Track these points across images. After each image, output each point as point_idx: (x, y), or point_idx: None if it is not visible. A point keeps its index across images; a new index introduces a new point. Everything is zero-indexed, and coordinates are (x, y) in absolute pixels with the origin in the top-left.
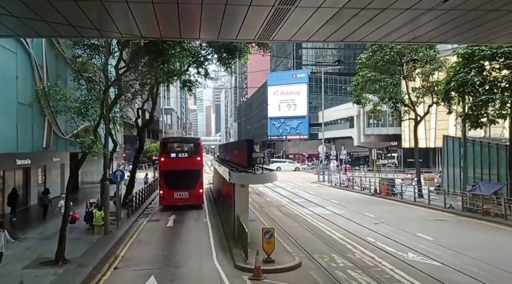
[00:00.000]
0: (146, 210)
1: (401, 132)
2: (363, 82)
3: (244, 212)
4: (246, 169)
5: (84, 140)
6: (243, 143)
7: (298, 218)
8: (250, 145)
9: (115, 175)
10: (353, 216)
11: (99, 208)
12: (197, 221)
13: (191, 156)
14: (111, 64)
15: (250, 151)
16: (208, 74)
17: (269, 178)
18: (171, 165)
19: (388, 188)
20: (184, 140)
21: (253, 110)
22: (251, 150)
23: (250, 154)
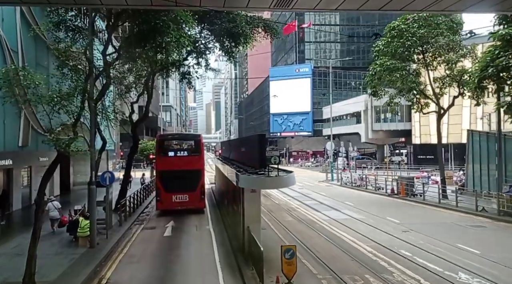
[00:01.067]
0: (142, 215)
1: (411, 128)
2: (382, 71)
3: (256, 222)
4: (257, 171)
5: (60, 137)
6: (253, 139)
7: (314, 225)
8: (262, 141)
9: (104, 177)
10: (375, 221)
11: (85, 216)
12: (198, 228)
13: (191, 154)
14: (97, 49)
15: (263, 148)
16: (208, 65)
17: (287, 182)
18: (169, 165)
19: (407, 188)
20: (183, 137)
21: (254, 107)
22: (264, 148)
23: (263, 152)
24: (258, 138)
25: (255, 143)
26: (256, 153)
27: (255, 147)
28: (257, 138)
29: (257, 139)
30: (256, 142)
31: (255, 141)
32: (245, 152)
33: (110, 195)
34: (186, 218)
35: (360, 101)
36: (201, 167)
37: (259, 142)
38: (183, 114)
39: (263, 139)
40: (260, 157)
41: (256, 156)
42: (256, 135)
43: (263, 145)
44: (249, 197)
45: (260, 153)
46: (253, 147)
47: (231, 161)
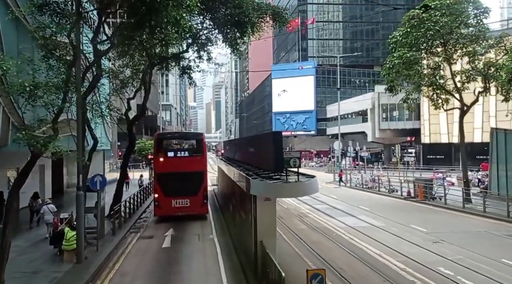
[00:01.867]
0: (139, 221)
1: (420, 127)
2: (400, 64)
3: (271, 236)
4: (272, 175)
5: (35, 134)
6: (267, 138)
7: (331, 235)
8: (278, 140)
9: (94, 181)
10: (399, 230)
11: (71, 226)
12: (201, 238)
13: (192, 155)
14: (87, 36)
15: (279, 148)
16: (211, 59)
17: (309, 189)
18: (168, 166)
19: (425, 191)
20: (183, 135)
21: (256, 106)
22: (280, 148)
23: (279, 153)
24: (273, 137)
25: (269, 142)
26: (270, 154)
27: (270, 147)
28: (271, 136)
29: (271, 138)
30: (271, 141)
31: (269, 140)
32: (255, 153)
33: (103, 200)
34: (187, 225)
35: (366, 99)
36: (204, 168)
37: (274, 141)
38: (183, 114)
39: (279, 137)
40: (276, 158)
41: (271, 157)
42: (270, 133)
43: (279, 144)
44: (263, 207)
45: (276, 154)
46: (267, 147)
47: (237, 162)
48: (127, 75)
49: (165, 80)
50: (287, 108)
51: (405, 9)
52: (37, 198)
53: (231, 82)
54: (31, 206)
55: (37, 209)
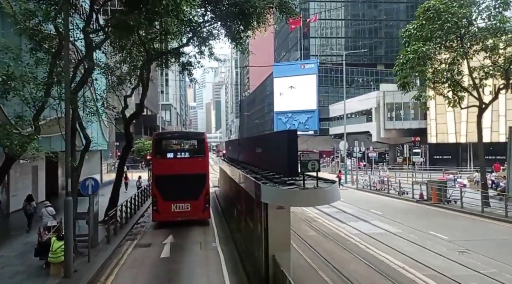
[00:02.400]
0: (136, 226)
1: (426, 126)
2: (415, 58)
3: (284, 250)
4: (286, 180)
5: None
6: (279, 138)
7: (344, 243)
8: (293, 140)
9: (85, 185)
10: (418, 237)
11: (59, 236)
12: (203, 247)
13: (193, 156)
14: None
15: (294, 149)
16: (212, 54)
17: (330, 197)
18: (167, 168)
19: (439, 194)
20: (184, 135)
21: (257, 105)
22: (296, 149)
23: (294, 154)
24: (288, 136)
25: (282, 143)
26: (284, 155)
27: (283, 147)
28: (286, 136)
29: (286, 138)
30: (285, 141)
31: (283, 140)
32: (263, 154)
33: (96, 205)
34: (187, 232)
35: (371, 98)
36: (206, 170)
37: (289, 142)
38: (183, 113)
39: (294, 137)
40: (291, 161)
41: (285, 160)
42: (284, 132)
43: (295, 145)
44: (275, 216)
45: (291, 156)
46: (279, 148)
47: (241, 163)
48: (124, 71)
49: (164, 79)
50: (289, 107)
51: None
52: (31, 201)
53: (232, 82)
54: (26, 209)
55: (31, 213)
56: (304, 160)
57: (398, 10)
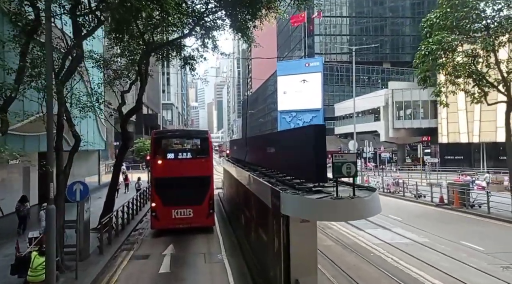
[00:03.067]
0: (134, 233)
1: (437, 125)
2: (439, 49)
3: (310, 273)
4: (311, 186)
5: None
6: (303, 134)
7: (367, 255)
8: (320, 137)
9: (72, 190)
10: (450, 248)
11: (40, 251)
12: (208, 259)
13: (196, 157)
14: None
15: (322, 148)
16: (216, 47)
17: (370, 208)
18: (167, 170)
19: (461, 197)
20: (186, 134)
21: (260, 104)
22: (324, 148)
23: (322, 154)
24: (315, 132)
25: (306, 140)
26: (308, 156)
27: (307, 146)
28: (312, 131)
29: (312, 134)
30: (310, 138)
31: (308, 137)
32: (278, 154)
33: (87, 212)
34: (190, 240)
35: (379, 96)
36: (210, 173)
37: (316, 139)
38: (184, 113)
39: (322, 133)
40: (318, 163)
41: (309, 161)
42: (309, 127)
43: (323, 143)
44: (298, 231)
45: (318, 156)
46: (302, 147)
47: (249, 165)
48: (122, 64)
49: (166, 78)
50: (293, 106)
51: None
52: (25, 202)
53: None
54: (19, 211)
55: (25, 215)
56: (337, 163)
57: (403, 8)
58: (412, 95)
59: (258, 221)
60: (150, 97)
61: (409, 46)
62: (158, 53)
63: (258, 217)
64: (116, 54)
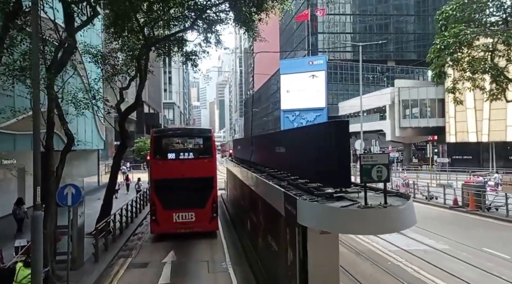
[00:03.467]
0: (132, 238)
1: (444, 124)
2: (457, 43)
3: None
4: (332, 192)
5: None
6: (322, 131)
7: (384, 264)
8: (343, 135)
9: (63, 194)
10: (473, 257)
11: (26, 262)
12: (211, 268)
13: (199, 157)
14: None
15: (345, 148)
16: (220, 42)
17: (404, 219)
18: (168, 171)
19: (477, 199)
20: (188, 132)
21: (262, 103)
22: (348, 147)
23: (346, 155)
24: (337, 130)
25: (326, 139)
26: (328, 157)
27: (328, 145)
28: (334, 128)
29: (333, 131)
30: (331, 136)
31: (328, 135)
32: (289, 155)
33: (81, 217)
34: (192, 246)
35: (385, 94)
36: (213, 174)
37: (339, 137)
38: (186, 112)
39: (345, 130)
40: (341, 165)
41: (331, 162)
42: (331, 123)
43: (345, 142)
44: (317, 244)
45: (341, 157)
46: (321, 146)
47: (255, 166)
48: (120, 60)
49: (168, 77)
50: (297, 105)
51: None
52: (21, 204)
53: (235, 80)
54: (15, 214)
55: (22, 217)
56: (366, 165)
57: (408, 5)
58: (419, 93)
59: (267, 227)
60: (152, 96)
61: (414, 44)
62: (158, 49)
63: (267, 223)
64: (114, 49)
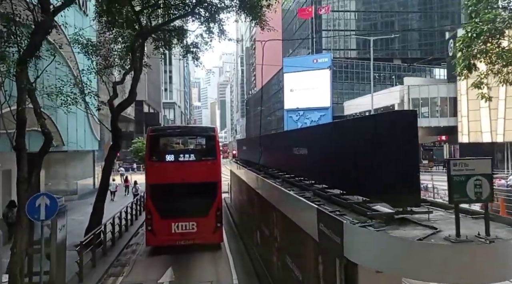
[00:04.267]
0: (126, 250)
1: (456, 124)
2: (492, 30)
3: None
4: (393, 212)
5: None
6: (377, 124)
7: None
8: (410, 131)
9: (34, 206)
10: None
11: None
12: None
13: (201, 159)
14: None
15: (414, 151)
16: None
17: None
18: (166, 175)
19: (508, 205)
20: (188, 131)
21: (265, 103)
22: (417, 150)
23: (414, 160)
24: (401, 125)
25: (385, 136)
26: (389, 160)
27: (387, 145)
28: (396, 121)
29: (397, 125)
30: (393, 132)
31: (387, 130)
32: (319, 158)
33: (60, 231)
34: (193, 261)
35: (393, 92)
36: (217, 178)
37: (403, 133)
38: (187, 112)
39: (413, 123)
40: (408, 173)
41: (393, 168)
42: (392, 114)
43: (414, 141)
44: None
45: (407, 161)
46: (373, 148)
47: (266, 169)
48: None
49: (168, 76)
50: (301, 104)
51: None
52: (13, 207)
53: (237, 80)
54: (7, 217)
55: (13, 221)
56: (459, 176)
57: (412, 3)
58: (430, 91)
59: (285, 247)
60: (152, 96)
61: (419, 42)
62: (156, 41)
63: (286, 242)
64: (107, 40)
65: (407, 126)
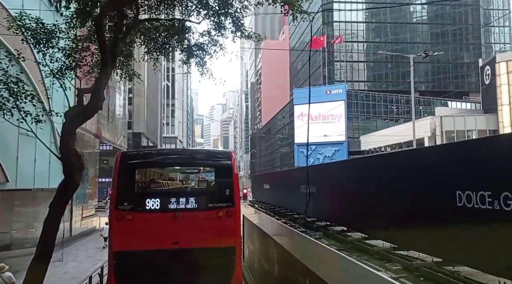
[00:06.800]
0: None
1: None
2: None
3: None
4: None
5: None
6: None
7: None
8: None
9: None
10: None
11: None
12: None
13: (209, 206)
14: None
15: None
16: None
17: None
18: (146, 237)
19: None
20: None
21: (272, 138)
22: None
23: None
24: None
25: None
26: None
27: None
28: None
29: None
30: None
31: None
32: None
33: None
34: None
35: (424, 124)
36: (235, 240)
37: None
38: (189, 147)
39: None
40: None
41: None
42: None
43: None
44: None
45: None
46: None
47: (324, 226)
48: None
49: (170, 110)
50: (313, 139)
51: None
52: None
53: (241, 116)
54: None
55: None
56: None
57: (423, 34)
58: (466, 122)
59: None
60: (151, 128)
61: (435, 76)
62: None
63: None
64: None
65: None
